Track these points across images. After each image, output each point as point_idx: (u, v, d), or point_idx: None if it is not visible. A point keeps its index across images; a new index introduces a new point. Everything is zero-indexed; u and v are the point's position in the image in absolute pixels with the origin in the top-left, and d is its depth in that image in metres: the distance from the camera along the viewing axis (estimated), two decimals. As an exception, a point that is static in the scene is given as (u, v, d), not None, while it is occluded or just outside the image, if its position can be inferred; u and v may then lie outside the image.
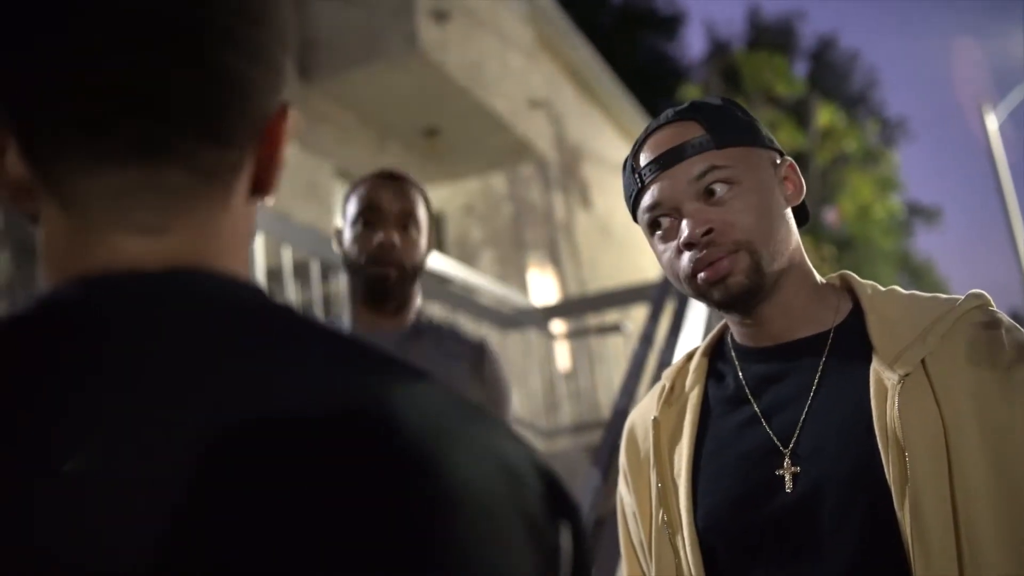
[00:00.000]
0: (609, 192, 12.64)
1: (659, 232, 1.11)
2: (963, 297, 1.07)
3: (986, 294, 1.08)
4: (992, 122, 12.55)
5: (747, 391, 1.12)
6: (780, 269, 1.07)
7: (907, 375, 0.99)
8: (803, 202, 1.16)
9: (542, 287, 10.27)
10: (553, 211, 10.96)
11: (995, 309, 1.08)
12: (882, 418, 0.99)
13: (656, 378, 2.71)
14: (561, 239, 11.02)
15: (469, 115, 7.27)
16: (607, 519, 2.10)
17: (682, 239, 1.06)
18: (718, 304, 1.09)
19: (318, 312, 3.89)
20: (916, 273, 30.44)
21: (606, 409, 5.36)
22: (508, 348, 5.78)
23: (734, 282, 1.05)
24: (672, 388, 1.20)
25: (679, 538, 1.10)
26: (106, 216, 0.49)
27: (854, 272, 1.19)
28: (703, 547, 1.08)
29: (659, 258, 1.13)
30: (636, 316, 6.40)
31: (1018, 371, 1.00)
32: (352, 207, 1.78)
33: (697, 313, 3.08)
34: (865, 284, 1.13)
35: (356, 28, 6.43)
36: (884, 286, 1.15)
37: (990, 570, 0.93)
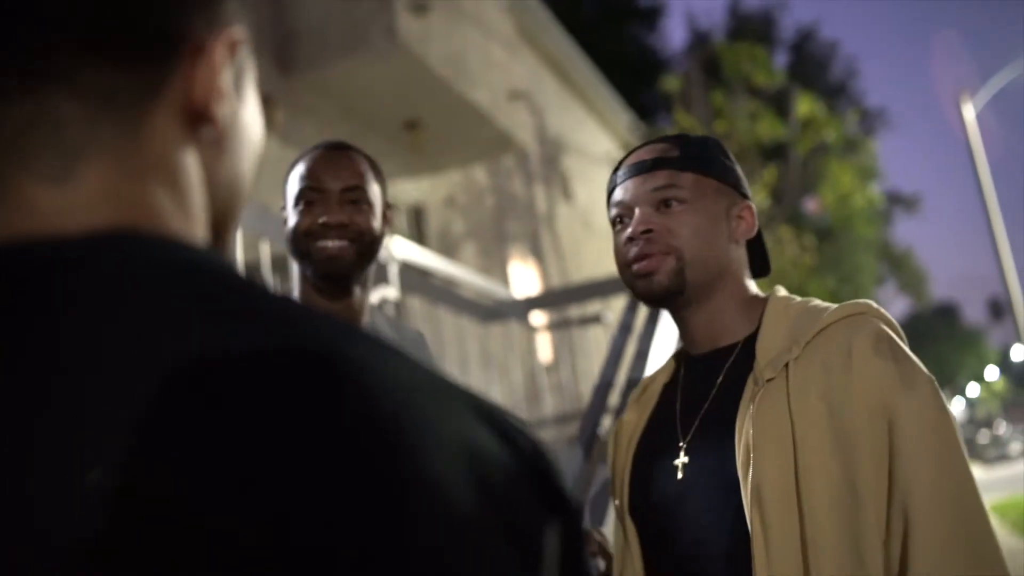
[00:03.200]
0: (590, 184, 12.66)
1: (619, 226, 1.28)
2: (837, 307, 1.17)
3: (871, 304, 1.18)
4: (970, 111, 12.64)
5: (678, 393, 1.29)
6: (705, 282, 1.23)
7: (769, 380, 1.13)
8: (763, 253, 1.33)
9: (524, 279, 10.29)
10: (535, 203, 10.98)
11: (876, 318, 1.15)
12: (743, 419, 1.13)
13: (634, 368, 2.75)
14: (543, 231, 11.03)
15: (450, 107, 7.27)
16: (585, 505, 2.14)
17: (627, 233, 1.25)
18: (640, 297, 1.27)
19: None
20: (896, 262, 30.51)
21: (588, 400, 5.38)
22: (490, 340, 5.80)
23: (656, 280, 1.22)
24: (644, 390, 1.37)
25: (625, 518, 1.28)
26: (10, 162, 0.44)
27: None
28: (636, 526, 1.26)
29: (615, 249, 1.30)
30: (617, 307, 6.43)
31: (862, 378, 1.07)
32: (293, 185, 1.56)
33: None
34: (780, 299, 1.24)
35: (336, 20, 6.42)
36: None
37: (830, 563, 1.02)
